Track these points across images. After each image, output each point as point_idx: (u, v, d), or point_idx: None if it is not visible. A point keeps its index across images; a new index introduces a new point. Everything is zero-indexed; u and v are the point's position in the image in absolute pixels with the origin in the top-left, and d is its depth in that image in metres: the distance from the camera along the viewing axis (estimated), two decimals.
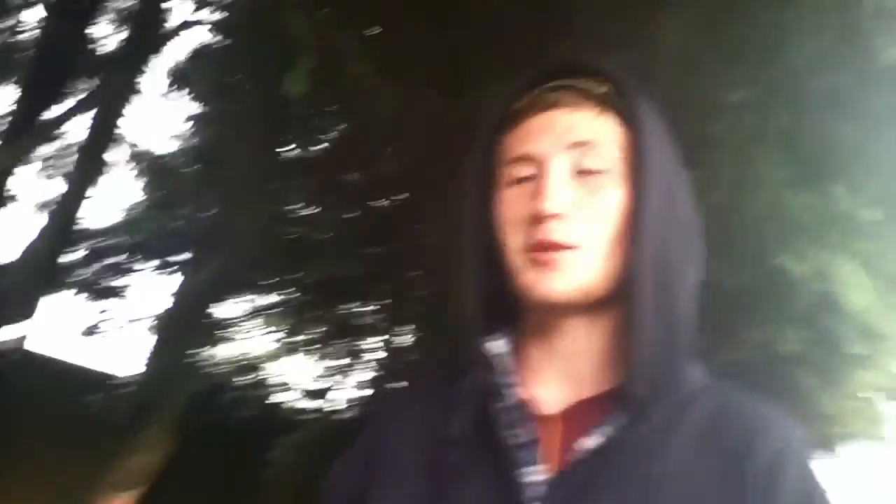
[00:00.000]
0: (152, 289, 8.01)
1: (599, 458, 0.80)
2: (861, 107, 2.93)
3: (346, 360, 7.62)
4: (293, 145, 6.64)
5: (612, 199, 0.84)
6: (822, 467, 0.85)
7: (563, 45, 3.05)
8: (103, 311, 7.82)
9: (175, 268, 7.79)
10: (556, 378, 0.89)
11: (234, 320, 7.75)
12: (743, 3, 2.83)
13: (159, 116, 10.37)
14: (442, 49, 3.66)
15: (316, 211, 6.58)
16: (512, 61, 3.66)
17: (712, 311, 0.86)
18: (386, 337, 7.13)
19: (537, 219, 0.83)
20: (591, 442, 0.81)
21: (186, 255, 7.60)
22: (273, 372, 8.40)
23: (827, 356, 3.35)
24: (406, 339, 6.74)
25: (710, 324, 0.87)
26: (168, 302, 7.33)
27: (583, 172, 0.85)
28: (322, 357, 7.89)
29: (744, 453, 0.81)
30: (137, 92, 6.58)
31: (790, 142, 2.97)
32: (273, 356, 8.21)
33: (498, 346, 0.89)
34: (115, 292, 7.81)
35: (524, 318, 0.92)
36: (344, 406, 7.80)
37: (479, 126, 0.94)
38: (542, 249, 0.83)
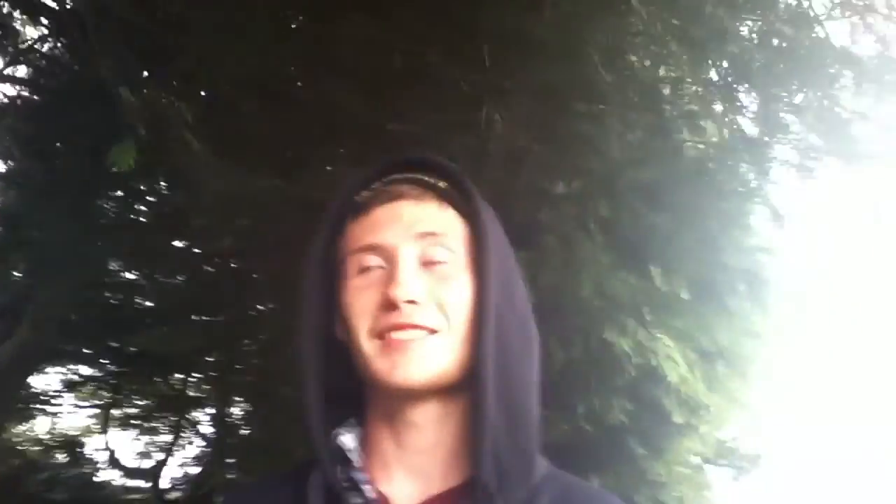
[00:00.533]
0: None
1: None
2: (671, 198, 3.21)
3: (171, 437, 7.18)
4: (113, 207, 6.29)
5: (458, 288, 0.86)
6: None
7: (397, 133, 3.11)
8: None
9: None
10: (405, 473, 0.87)
11: (48, 394, 7.14)
12: (561, 100, 3.03)
13: None
14: (277, 129, 3.62)
15: (138, 277, 6.23)
16: (347, 145, 3.69)
17: (546, 384, 0.90)
18: (215, 411, 6.80)
19: (390, 305, 0.83)
20: None
21: None
22: (91, 450, 7.76)
23: (653, 425, 3.57)
24: (238, 412, 6.45)
25: (545, 397, 0.90)
26: None
27: (429, 262, 0.87)
28: (145, 432, 7.39)
29: None
30: None
31: (610, 229, 3.19)
32: (91, 432, 7.59)
33: (346, 441, 0.87)
34: None
35: (371, 407, 0.90)
36: (169, 486, 7.32)
37: (320, 214, 0.93)
38: (398, 330, 0.83)
